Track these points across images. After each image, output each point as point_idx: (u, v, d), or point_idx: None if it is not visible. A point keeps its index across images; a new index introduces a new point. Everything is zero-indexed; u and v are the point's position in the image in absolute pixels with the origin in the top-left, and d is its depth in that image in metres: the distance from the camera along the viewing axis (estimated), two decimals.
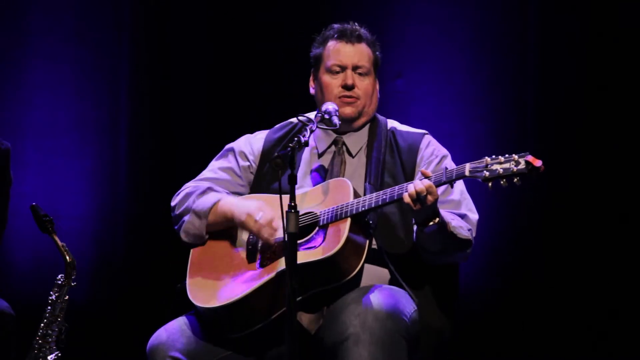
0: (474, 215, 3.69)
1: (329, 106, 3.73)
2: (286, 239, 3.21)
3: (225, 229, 3.72)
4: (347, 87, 3.78)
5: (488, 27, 5.25)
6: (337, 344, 3.39)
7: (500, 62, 5.23)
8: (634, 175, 5.02)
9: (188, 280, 3.67)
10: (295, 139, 3.38)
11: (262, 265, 3.58)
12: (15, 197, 5.30)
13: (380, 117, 3.90)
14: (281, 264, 3.51)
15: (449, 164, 3.76)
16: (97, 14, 5.47)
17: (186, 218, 3.74)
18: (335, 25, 3.87)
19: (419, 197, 3.39)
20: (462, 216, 3.66)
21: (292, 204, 3.22)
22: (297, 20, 5.28)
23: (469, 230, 3.62)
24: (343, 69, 3.80)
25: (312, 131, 3.58)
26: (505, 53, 5.23)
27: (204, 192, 3.78)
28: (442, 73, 5.28)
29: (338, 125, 3.70)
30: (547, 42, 5.16)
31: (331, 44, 3.84)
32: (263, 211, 3.60)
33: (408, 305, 3.53)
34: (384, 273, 3.64)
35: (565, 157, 5.09)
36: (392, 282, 3.63)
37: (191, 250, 3.75)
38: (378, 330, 3.37)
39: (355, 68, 3.80)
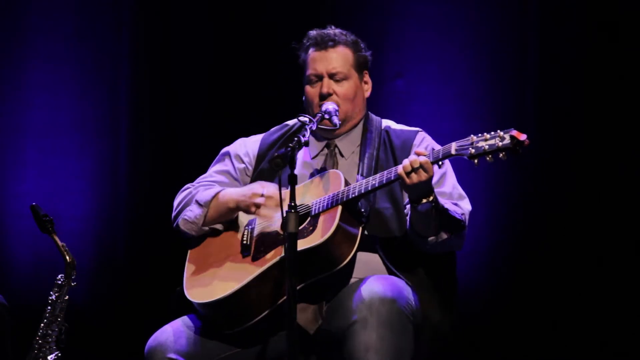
0: (467, 206, 3.70)
1: (329, 106, 3.73)
2: (286, 240, 3.22)
3: (226, 220, 3.72)
4: (322, 97, 3.78)
5: (488, 27, 5.25)
6: (344, 329, 3.39)
7: (500, 62, 5.23)
8: (634, 176, 5.02)
9: (185, 278, 3.68)
10: (295, 138, 3.38)
11: (254, 259, 3.58)
12: (15, 197, 5.32)
13: (374, 117, 3.89)
14: (273, 257, 3.52)
15: None
16: (97, 14, 5.47)
17: (188, 207, 3.76)
18: (312, 33, 3.86)
19: (413, 169, 3.39)
20: (454, 205, 3.67)
21: (292, 203, 3.22)
22: (298, 21, 5.26)
23: (462, 214, 3.62)
24: (320, 77, 3.79)
25: (312, 131, 3.58)
26: (505, 53, 5.23)
27: (208, 186, 3.80)
28: (442, 73, 5.27)
29: (338, 125, 3.70)
30: (547, 42, 5.16)
31: (309, 53, 3.84)
32: (267, 186, 3.63)
33: (411, 293, 3.53)
34: (381, 267, 3.64)
35: (565, 156, 5.09)
36: (390, 274, 3.63)
37: (188, 251, 3.76)
38: (386, 313, 3.37)
39: (331, 75, 3.79)
